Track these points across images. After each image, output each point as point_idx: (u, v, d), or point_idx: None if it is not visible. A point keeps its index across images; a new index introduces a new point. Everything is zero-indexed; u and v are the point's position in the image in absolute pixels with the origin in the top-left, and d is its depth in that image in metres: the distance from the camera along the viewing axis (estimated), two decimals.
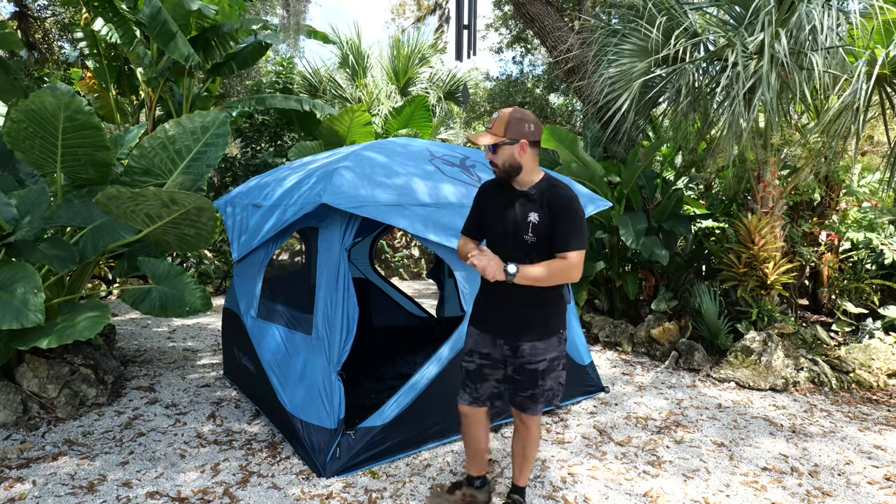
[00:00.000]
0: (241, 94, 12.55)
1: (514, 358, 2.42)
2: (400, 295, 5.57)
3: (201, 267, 7.98)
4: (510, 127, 2.25)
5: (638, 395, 4.32)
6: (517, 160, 2.27)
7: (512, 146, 2.26)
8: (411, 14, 18.08)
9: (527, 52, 13.98)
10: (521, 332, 2.39)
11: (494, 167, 2.33)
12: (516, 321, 2.40)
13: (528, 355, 2.38)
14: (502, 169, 2.30)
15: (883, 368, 4.82)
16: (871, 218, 5.91)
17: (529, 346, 2.38)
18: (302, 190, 3.21)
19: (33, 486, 2.82)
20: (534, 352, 2.38)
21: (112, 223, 3.82)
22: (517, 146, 2.25)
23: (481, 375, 2.49)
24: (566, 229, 2.22)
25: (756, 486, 2.99)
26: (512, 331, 2.41)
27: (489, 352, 2.47)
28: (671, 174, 6.63)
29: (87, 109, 3.39)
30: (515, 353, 2.41)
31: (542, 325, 2.39)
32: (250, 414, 3.80)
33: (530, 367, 2.38)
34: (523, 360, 2.39)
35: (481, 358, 2.48)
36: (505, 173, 2.31)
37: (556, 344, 2.42)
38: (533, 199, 2.31)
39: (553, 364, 2.42)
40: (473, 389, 2.51)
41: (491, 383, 2.50)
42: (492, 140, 2.27)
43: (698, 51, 4.85)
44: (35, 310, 3.01)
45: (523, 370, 2.40)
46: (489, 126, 2.32)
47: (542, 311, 2.38)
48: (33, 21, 11.34)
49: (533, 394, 2.42)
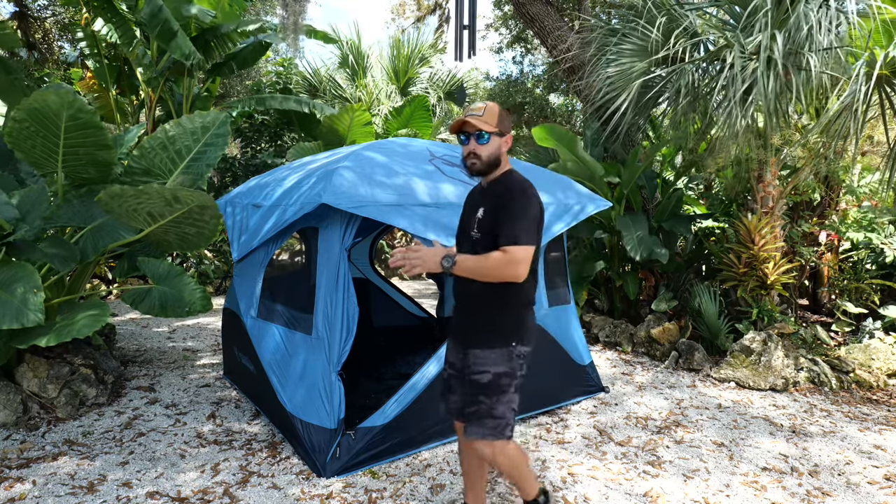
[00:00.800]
0: (241, 94, 12.55)
1: (463, 368, 2.24)
2: (400, 295, 5.57)
3: (201, 267, 7.98)
4: (501, 119, 2.16)
5: (638, 395, 4.32)
6: (500, 155, 2.18)
7: (500, 139, 2.17)
8: (411, 14, 18.07)
9: (527, 52, 13.98)
10: (468, 338, 2.22)
11: (475, 159, 2.16)
12: (465, 325, 2.25)
13: (472, 364, 2.19)
14: (485, 162, 2.16)
15: (883, 368, 4.82)
16: (872, 218, 5.92)
17: (473, 355, 2.19)
18: (302, 190, 3.21)
19: (33, 486, 2.82)
20: (477, 361, 2.17)
21: (112, 223, 3.82)
22: (504, 140, 2.18)
23: (449, 386, 2.36)
24: (507, 221, 2.05)
25: (756, 486, 2.99)
26: (461, 336, 2.27)
27: (453, 360, 2.33)
28: (671, 174, 6.64)
29: (90, 109, 3.39)
30: (464, 361, 2.24)
31: (488, 333, 2.17)
32: (250, 414, 3.80)
33: (473, 377, 2.18)
34: (468, 369, 2.20)
35: (449, 367, 2.36)
36: (486, 167, 2.17)
37: (506, 358, 2.16)
38: (486, 193, 2.21)
39: (500, 381, 2.15)
40: (445, 400, 2.40)
41: (456, 396, 2.33)
42: (488, 128, 2.13)
43: (698, 51, 4.85)
44: (35, 309, 3.01)
45: (469, 382, 2.20)
46: (476, 114, 2.15)
47: (490, 317, 2.19)
48: (33, 21, 11.34)
49: (476, 410, 2.17)
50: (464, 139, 2.19)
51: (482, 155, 2.15)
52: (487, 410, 2.15)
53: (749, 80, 4.15)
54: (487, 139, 2.14)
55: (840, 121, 4.23)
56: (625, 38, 5.21)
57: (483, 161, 2.16)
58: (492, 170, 2.19)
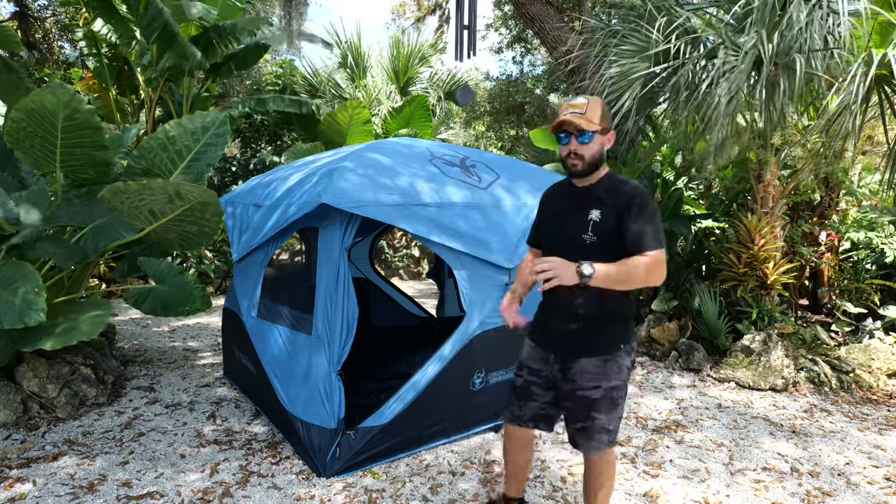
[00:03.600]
0: (240, 94, 12.55)
1: (564, 381, 2.14)
2: (400, 295, 5.57)
3: (201, 267, 7.98)
4: (605, 115, 2.02)
5: (638, 395, 4.32)
6: (603, 153, 2.05)
7: (604, 136, 2.03)
8: (411, 14, 18.08)
9: (527, 52, 13.99)
10: (575, 349, 2.10)
11: (576, 160, 2.01)
12: (572, 335, 2.11)
13: (579, 378, 2.08)
14: (588, 162, 2.01)
15: (883, 368, 4.82)
16: (872, 218, 5.91)
17: (580, 368, 2.08)
18: (302, 190, 3.21)
19: (33, 486, 2.82)
20: (585, 375, 2.07)
21: (112, 223, 3.82)
22: (607, 137, 2.05)
23: (528, 393, 2.25)
24: (640, 225, 1.93)
25: (756, 486, 2.99)
26: (565, 346, 2.13)
27: (539, 368, 2.22)
28: (671, 174, 6.63)
29: (87, 108, 3.38)
30: (565, 374, 2.13)
31: (598, 342, 2.07)
32: (250, 414, 3.80)
33: (583, 392, 2.08)
34: (573, 384, 2.10)
35: (530, 374, 2.25)
36: (589, 167, 2.02)
37: (616, 370, 2.07)
38: (595, 195, 2.05)
39: (612, 394, 2.07)
40: (517, 407, 2.29)
41: (537, 404, 2.23)
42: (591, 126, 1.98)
43: (697, 50, 4.85)
44: (37, 309, 3.01)
45: (574, 396, 2.11)
46: (578, 111, 1.99)
47: (604, 326, 2.09)
48: (33, 21, 11.35)
49: (590, 426, 2.08)
50: (563, 138, 2.04)
51: (585, 155, 2.01)
52: (602, 426, 2.08)
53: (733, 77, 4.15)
54: (590, 138, 2.00)
55: (839, 121, 4.23)
56: (625, 38, 5.21)
57: (586, 162, 2.02)
58: (594, 170, 2.05)
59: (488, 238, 3.31)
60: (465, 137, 13.20)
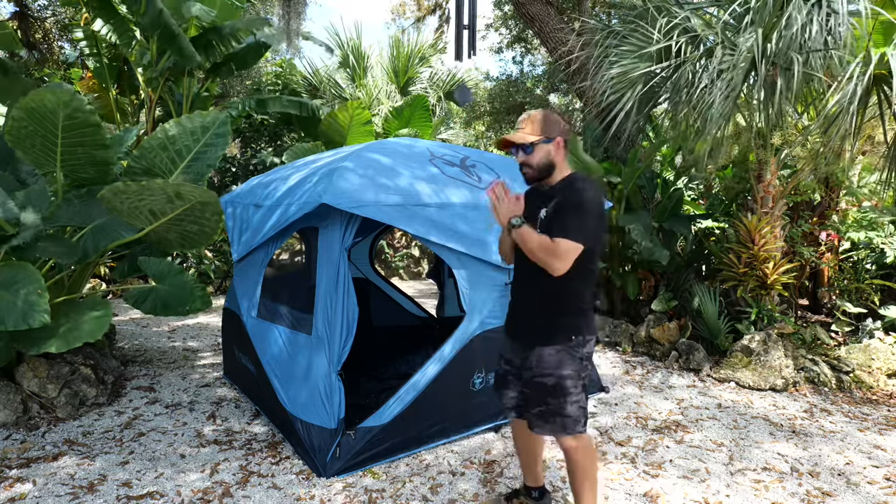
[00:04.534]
0: (240, 94, 12.55)
1: (524, 369, 2.31)
2: (400, 295, 5.57)
3: (201, 267, 7.98)
4: (546, 126, 2.23)
5: (638, 395, 4.32)
6: (552, 159, 2.24)
7: (548, 144, 2.23)
8: (411, 14, 18.07)
9: (527, 52, 13.99)
10: (532, 339, 2.28)
11: (527, 169, 2.26)
12: (531, 325, 2.31)
13: (535, 366, 2.24)
14: (536, 169, 2.24)
15: (883, 368, 4.82)
16: (872, 218, 5.91)
17: (536, 356, 2.24)
18: (303, 190, 3.21)
19: (33, 486, 2.82)
20: (540, 363, 2.23)
21: (112, 222, 3.82)
22: (553, 144, 2.23)
23: (505, 382, 2.43)
24: (562, 217, 2.14)
25: (756, 487, 2.99)
26: (525, 336, 2.33)
27: (511, 358, 2.40)
28: (671, 174, 6.63)
29: (87, 108, 3.38)
30: (524, 362, 2.31)
31: (552, 333, 2.24)
32: (250, 414, 3.80)
33: (537, 379, 2.24)
34: (531, 371, 2.26)
35: (506, 363, 2.43)
36: (539, 173, 2.26)
37: (568, 360, 2.22)
38: (548, 195, 2.27)
39: (564, 382, 2.21)
40: (498, 396, 2.47)
41: (513, 393, 2.40)
42: (531, 139, 2.22)
43: (697, 49, 4.85)
44: (41, 310, 3.01)
45: (531, 383, 2.27)
46: (518, 129, 2.27)
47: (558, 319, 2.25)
48: (33, 21, 11.34)
49: (540, 412, 2.25)
50: (514, 152, 2.29)
51: (532, 163, 2.25)
52: (557, 410, 2.22)
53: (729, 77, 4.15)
54: (531, 149, 2.23)
55: (838, 122, 4.23)
56: (625, 39, 5.21)
57: (535, 168, 2.25)
58: (547, 174, 2.26)
59: (488, 238, 3.31)
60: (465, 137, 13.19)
